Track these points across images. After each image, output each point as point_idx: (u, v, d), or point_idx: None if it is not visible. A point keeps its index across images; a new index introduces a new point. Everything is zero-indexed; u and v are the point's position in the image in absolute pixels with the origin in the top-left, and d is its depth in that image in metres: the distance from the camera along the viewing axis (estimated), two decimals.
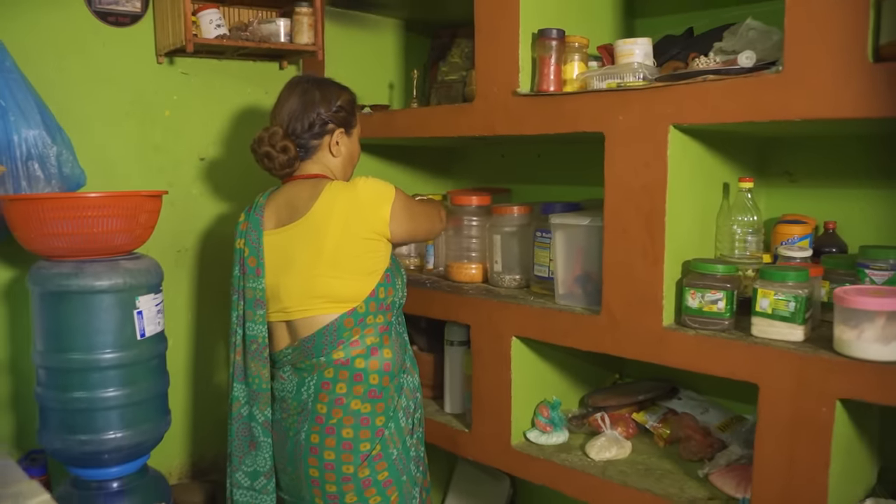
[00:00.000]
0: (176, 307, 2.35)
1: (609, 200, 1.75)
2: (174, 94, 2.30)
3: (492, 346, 2.03)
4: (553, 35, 1.85)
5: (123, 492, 1.85)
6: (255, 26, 2.28)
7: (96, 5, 2.13)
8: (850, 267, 1.68)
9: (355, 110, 1.89)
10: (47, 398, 1.82)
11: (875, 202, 1.86)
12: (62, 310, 1.79)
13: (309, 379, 1.74)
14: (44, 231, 1.79)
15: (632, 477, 1.83)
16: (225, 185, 2.43)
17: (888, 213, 1.85)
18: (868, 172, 1.87)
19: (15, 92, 1.92)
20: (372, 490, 1.72)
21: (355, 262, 1.71)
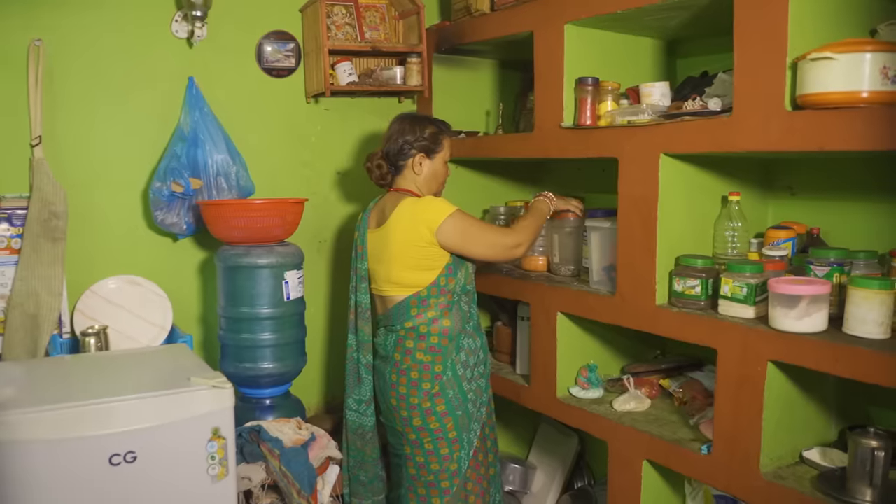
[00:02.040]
0: (317, 283, 3.15)
1: (621, 209, 2.30)
2: (318, 125, 3.09)
3: (543, 320, 2.63)
4: (589, 82, 2.42)
5: (272, 407, 2.65)
6: (378, 72, 3.02)
7: (264, 63, 2.96)
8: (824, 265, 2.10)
9: (439, 140, 2.44)
10: (225, 339, 2.64)
11: (857, 211, 2.27)
12: (236, 279, 2.59)
13: (392, 336, 2.40)
14: (226, 225, 2.60)
15: (640, 423, 2.37)
16: (354, 193, 3.19)
17: (867, 220, 2.26)
18: (852, 187, 2.27)
19: (209, 127, 2.77)
20: (432, 418, 2.34)
21: (414, 260, 2.31)
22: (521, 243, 2.41)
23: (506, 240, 2.40)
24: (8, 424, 1.64)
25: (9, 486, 1.64)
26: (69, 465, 1.68)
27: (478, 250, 2.37)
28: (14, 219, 2.60)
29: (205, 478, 1.82)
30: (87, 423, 1.70)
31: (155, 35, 2.78)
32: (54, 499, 1.68)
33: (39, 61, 2.59)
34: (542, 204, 2.55)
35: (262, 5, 2.95)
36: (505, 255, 2.42)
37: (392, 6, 3.13)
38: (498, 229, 2.49)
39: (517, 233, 2.43)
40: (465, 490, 2.38)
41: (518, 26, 2.64)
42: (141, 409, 1.75)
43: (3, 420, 1.64)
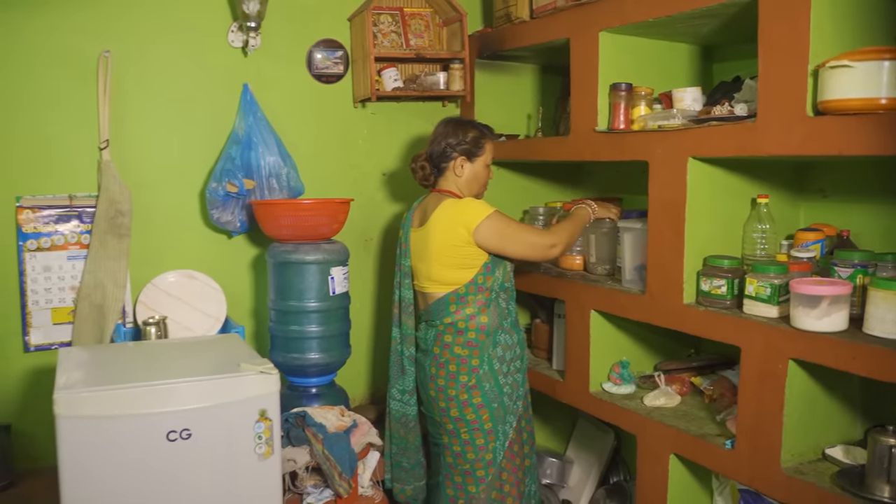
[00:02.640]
0: (363, 279, 3.29)
1: (651, 210, 2.38)
2: (365, 128, 3.24)
3: (578, 317, 2.72)
4: (622, 88, 2.51)
5: (318, 395, 2.80)
6: (422, 78, 3.15)
7: (314, 70, 3.13)
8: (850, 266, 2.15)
9: (480, 144, 2.54)
10: (275, 330, 2.81)
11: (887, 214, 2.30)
12: (285, 274, 2.75)
13: (432, 330, 2.52)
14: (277, 224, 2.77)
15: (668, 418, 2.44)
16: (399, 193, 3.33)
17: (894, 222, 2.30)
18: (883, 190, 2.29)
19: (262, 131, 2.94)
20: (468, 409, 2.45)
21: (452, 259, 2.43)
22: (557, 244, 2.50)
23: (542, 240, 2.50)
24: (79, 401, 1.81)
25: (80, 456, 1.82)
26: (132, 439, 1.85)
27: (514, 249, 2.47)
28: (84, 216, 2.82)
29: (252, 455, 1.97)
30: (148, 402, 1.87)
31: (212, 45, 2.97)
32: (119, 469, 1.85)
33: (108, 71, 2.79)
34: (583, 211, 2.64)
35: (313, 15, 3.11)
36: (541, 255, 2.52)
37: (436, 14, 3.26)
38: (534, 230, 2.59)
39: (553, 233, 2.53)
40: (500, 479, 2.48)
41: (555, 33, 2.74)
42: (196, 390, 1.92)
43: (74, 397, 1.81)
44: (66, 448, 1.82)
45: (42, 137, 2.76)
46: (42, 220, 2.78)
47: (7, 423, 2.71)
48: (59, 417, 1.81)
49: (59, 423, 1.81)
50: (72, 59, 2.77)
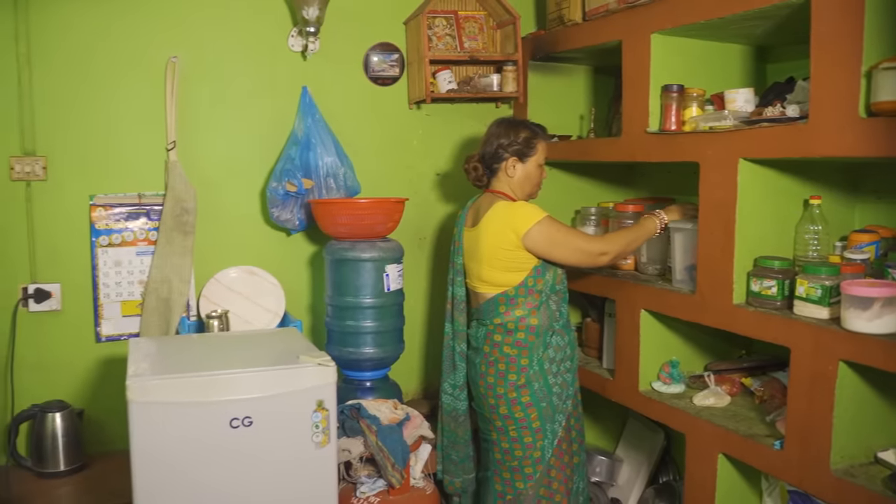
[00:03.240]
0: (416, 276, 3.37)
1: (702, 211, 2.40)
2: (420, 129, 3.32)
3: (628, 316, 2.74)
4: (674, 89, 2.52)
5: (372, 389, 2.89)
6: (476, 80, 3.21)
7: (370, 73, 3.22)
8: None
9: (532, 144, 2.56)
10: (332, 325, 2.90)
11: None
12: (342, 271, 2.84)
13: (483, 329, 2.57)
14: (334, 222, 2.86)
15: (717, 417, 2.45)
16: (452, 193, 3.40)
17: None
18: None
19: (320, 132, 3.04)
20: (517, 407, 2.49)
21: (502, 262, 2.47)
22: (607, 252, 2.50)
23: (591, 247, 2.50)
24: (147, 388, 1.93)
25: (150, 439, 1.94)
26: (198, 425, 1.96)
27: (564, 256, 2.48)
28: (152, 214, 2.96)
29: (309, 444, 2.06)
30: (213, 391, 1.97)
31: (273, 49, 3.08)
32: (186, 453, 1.96)
33: (175, 75, 2.92)
34: (649, 223, 2.60)
35: (369, 19, 3.20)
36: (590, 262, 2.52)
37: (490, 17, 3.31)
38: (585, 236, 2.60)
39: (605, 241, 2.53)
40: (548, 476, 2.52)
41: (608, 35, 2.77)
42: (257, 380, 2.01)
43: (145, 384, 1.93)
44: (137, 431, 1.93)
45: (114, 139, 2.91)
46: (113, 217, 2.93)
47: (80, 409, 2.86)
48: (132, 403, 1.92)
49: (131, 408, 1.92)
50: (143, 65, 2.91)
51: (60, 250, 2.88)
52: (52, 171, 2.84)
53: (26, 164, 2.80)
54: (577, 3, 2.91)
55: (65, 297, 2.89)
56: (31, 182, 2.82)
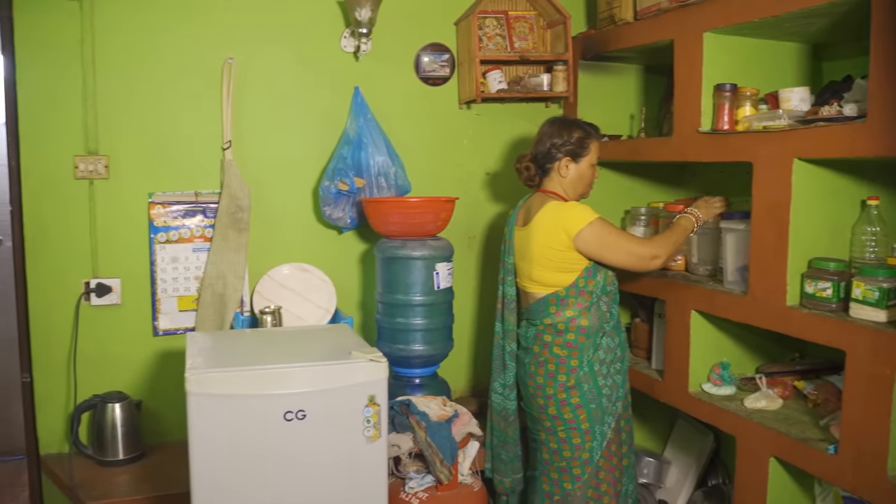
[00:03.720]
0: (466, 275, 3.40)
1: (755, 211, 2.38)
2: (470, 129, 3.34)
3: (678, 317, 2.73)
4: (726, 88, 2.50)
5: (421, 386, 2.92)
6: (526, 79, 3.22)
7: (421, 73, 3.26)
8: None
9: (585, 144, 2.56)
10: (382, 322, 2.95)
11: None
12: (392, 269, 2.88)
13: (533, 329, 2.58)
14: (385, 220, 2.90)
15: (769, 420, 2.42)
16: (502, 193, 3.41)
17: None
18: None
19: (372, 132, 3.08)
20: (566, 408, 2.49)
21: (553, 262, 2.47)
22: (658, 255, 2.50)
23: (643, 250, 2.50)
24: (207, 380, 1.99)
25: (207, 430, 1.99)
26: (253, 417, 2.01)
27: (615, 258, 2.48)
28: (208, 211, 3.04)
29: (361, 438, 2.10)
30: (267, 384, 2.02)
31: (326, 50, 3.14)
32: (241, 444, 2.02)
33: (231, 76, 2.99)
34: (686, 221, 2.61)
35: (420, 20, 3.24)
36: (641, 266, 2.51)
37: (540, 17, 3.32)
38: (636, 239, 2.59)
39: (655, 244, 2.52)
40: (596, 478, 2.51)
41: (659, 35, 2.76)
42: (311, 375, 2.06)
43: (203, 377, 1.99)
44: (195, 422, 1.99)
45: (173, 138, 3.00)
46: (171, 214, 3.01)
47: (138, 400, 2.95)
48: (190, 394, 1.98)
49: (190, 400, 1.98)
50: (200, 67, 2.99)
51: (121, 246, 2.97)
52: (114, 169, 2.94)
53: (90, 163, 2.90)
54: (628, 2, 2.90)
55: (124, 292, 2.98)
56: (94, 180, 2.92)
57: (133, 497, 2.62)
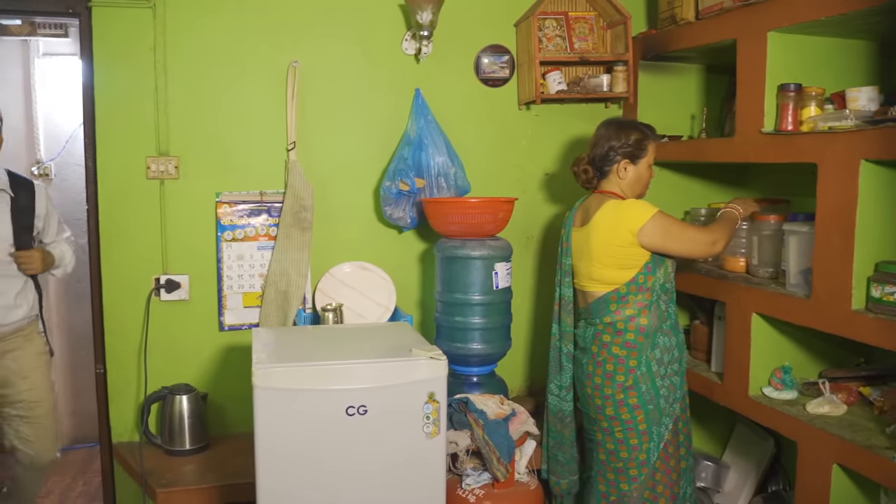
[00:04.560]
0: (524, 275, 3.42)
1: (819, 213, 2.34)
2: (529, 129, 3.36)
3: (739, 320, 2.70)
4: (791, 88, 2.47)
5: (479, 384, 2.95)
6: (586, 80, 3.22)
7: (481, 74, 3.29)
8: None
9: (643, 146, 2.56)
10: (441, 321, 2.99)
11: None
12: (452, 268, 2.91)
13: (591, 329, 2.59)
14: (445, 220, 2.93)
15: (833, 427, 2.38)
16: (560, 193, 3.42)
17: None
18: None
19: (432, 132, 3.13)
20: (623, 409, 2.49)
21: (614, 259, 2.48)
22: (719, 240, 2.53)
23: (705, 236, 2.52)
24: (273, 375, 2.06)
25: (272, 423, 2.06)
26: (316, 411, 2.07)
27: (679, 247, 2.50)
28: (272, 211, 3.12)
29: (420, 434, 2.14)
30: (330, 380, 2.08)
31: (388, 53, 3.19)
32: (305, 437, 2.08)
33: (296, 79, 3.07)
34: (732, 213, 2.66)
35: (480, 22, 3.27)
36: (705, 252, 2.54)
37: (600, 17, 3.32)
38: (696, 227, 2.62)
39: (714, 230, 2.55)
40: (653, 479, 2.51)
41: (722, 34, 2.73)
42: (372, 371, 2.11)
43: (269, 371, 2.06)
44: (261, 415, 2.06)
45: (239, 140, 3.10)
46: (237, 213, 3.11)
47: (204, 393, 3.05)
48: (257, 388, 2.05)
49: (256, 393, 2.05)
50: (266, 70, 3.08)
51: (189, 244, 3.08)
52: (184, 170, 3.05)
53: (161, 163, 3.01)
54: (689, 1, 2.88)
55: (192, 288, 3.09)
56: (165, 180, 3.03)
57: (199, 485, 2.72)
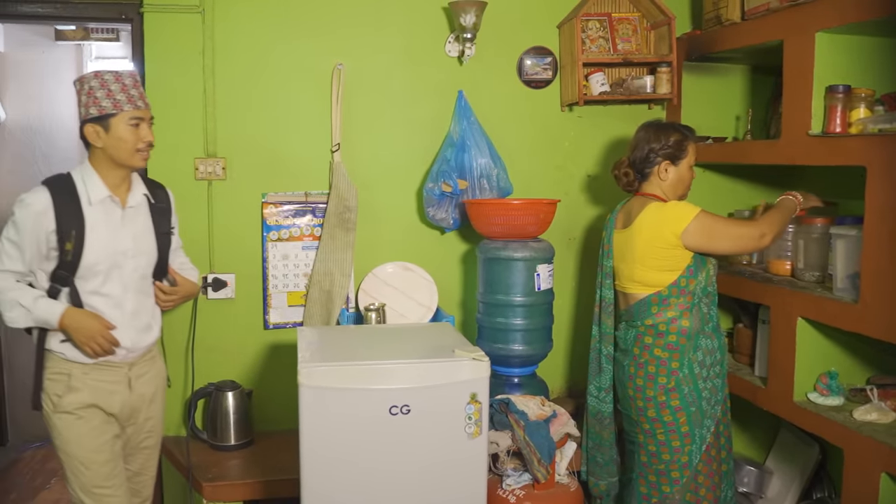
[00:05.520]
0: (565, 276, 3.42)
1: (868, 217, 2.30)
2: (571, 131, 3.36)
3: (783, 324, 2.67)
4: (839, 90, 2.43)
5: (520, 385, 2.96)
6: (629, 82, 3.21)
7: (524, 76, 3.30)
8: None
9: (683, 147, 2.55)
10: (482, 321, 3.00)
11: None
12: (494, 269, 2.92)
13: (633, 331, 2.59)
14: (487, 222, 2.95)
15: (880, 434, 2.33)
16: (602, 195, 3.41)
17: None
18: None
19: (475, 134, 3.14)
20: (666, 411, 2.49)
21: (657, 261, 2.48)
22: (766, 233, 2.48)
23: (751, 231, 2.50)
24: (318, 374, 2.10)
25: (317, 420, 2.11)
26: (359, 410, 2.11)
27: (725, 245, 2.49)
28: (317, 211, 3.17)
29: (462, 434, 2.17)
30: (374, 379, 2.11)
31: (431, 55, 3.22)
32: (348, 435, 2.12)
33: (340, 81, 3.12)
34: (790, 202, 2.60)
35: (523, 24, 3.28)
36: (752, 246, 2.53)
37: (644, 18, 3.30)
38: (741, 222, 2.61)
39: (761, 223, 2.51)
40: (695, 482, 2.50)
41: (768, 35, 2.70)
42: (415, 371, 2.14)
43: (315, 370, 2.10)
44: (306, 412, 2.10)
45: (285, 141, 3.16)
46: (282, 214, 3.16)
47: (249, 389, 3.12)
48: (302, 386, 2.09)
49: (302, 391, 2.09)
50: (311, 73, 3.14)
51: (235, 244, 3.15)
52: (231, 171, 3.12)
53: (209, 164, 3.08)
54: (735, 2, 2.85)
55: (238, 287, 3.16)
56: (213, 181, 3.10)
57: (245, 480, 2.78)
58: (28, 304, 2.18)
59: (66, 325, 2.18)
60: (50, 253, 2.20)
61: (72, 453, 2.26)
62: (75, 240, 2.18)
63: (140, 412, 2.40)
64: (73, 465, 2.26)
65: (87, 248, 2.20)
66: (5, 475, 3.92)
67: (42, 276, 2.23)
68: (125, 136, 2.24)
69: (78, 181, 2.26)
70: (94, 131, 2.23)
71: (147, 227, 2.38)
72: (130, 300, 2.31)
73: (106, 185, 2.27)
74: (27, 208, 2.18)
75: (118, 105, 2.22)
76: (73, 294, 2.22)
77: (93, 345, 2.20)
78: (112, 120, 2.22)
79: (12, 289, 2.20)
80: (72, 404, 2.24)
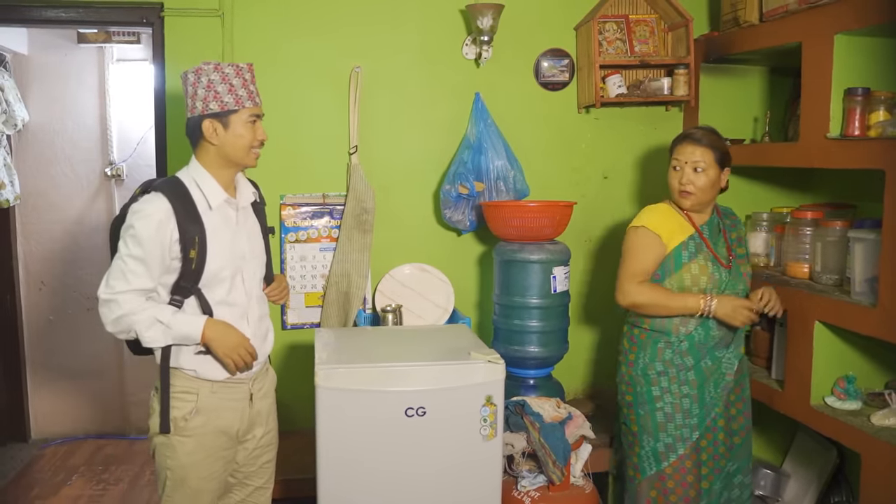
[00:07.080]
0: (581, 278, 3.42)
1: (887, 221, 2.29)
2: (588, 133, 3.36)
3: (801, 327, 2.66)
4: (858, 93, 2.42)
5: (535, 387, 2.97)
6: (646, 83, 3.20)
7: (541, 78, 3.30)
8: None
9: (671, 149, 2.58)
10: (498, 323, 3.02)
11: None
12: (510, 271, 2.93)
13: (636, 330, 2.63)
14: (503, 224, 2.96)
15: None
16: (619, 197, 3.41)
17: None
18: None
19: (492, 136, 3.16)
20: (645, 407, 2.57)
21: None
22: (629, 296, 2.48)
23: (623, 284, 2.51)
24: (335, 375, 2.12)
25: (334, 421, 2.13)
26: (375, 411, 2.13)
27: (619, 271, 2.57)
28: (334, 213, 3.20)
29: (477, 436, 2.18)
30: (391, 381, 2.14)
31: (448, 58, 3.24)
32: (364, 437, 2.14)
33: (358, 84, 3.14)
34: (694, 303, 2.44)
35: (540, 26, 3.28)
36: (616, 291, 2.55)
37: (661, 20, 3.29)
38: (634, 271, 2.51)
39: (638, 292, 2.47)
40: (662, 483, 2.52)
41: (787, 37, 2.69)
42: (431, 373, 2.16)
43: (332, 372, 2.13)
44: (323, 413, 2.13)
45: (303, 143, 3.18)
46: (300, 215, 3.19)
47: None
48: (319, 388, 2.12)
49: (319, 393, 2.12)
50: (329, 75, 3.16)
51: None
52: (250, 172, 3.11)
53: None
54: (753, 3, 2.84)
55: None
56: None
57: None
58: (167, 319, 1.99)
59: (209, 337, 2.02)
60: (172, 264, 2.02)
61: (184, 478, 2.09)
62: (198, 246, 2.01)
63: (256, 427, 2.23)
64: (180, 490, 2.10)
65: (210, 254, 2.04)
66: (27, 471, 3.98)
67: (162, 290, 2.05)
68: (244, 134, 2.10)
69: (189, 183, 2.08)
70: (212, 128, 2.06)
71: (255, 227, 2.25)
72: (254, 308, 2.19)
73: (220, 186, 2.12)
74: (148, 218, 1.97)
75: (240, 101, 2.08)
76: (203, 304, 2.07)
77: (235, 357, 2.06)
78: (233, 117, 2.08)
79: (145, 307, 2.00)
80: (197, 428, 2.07)
